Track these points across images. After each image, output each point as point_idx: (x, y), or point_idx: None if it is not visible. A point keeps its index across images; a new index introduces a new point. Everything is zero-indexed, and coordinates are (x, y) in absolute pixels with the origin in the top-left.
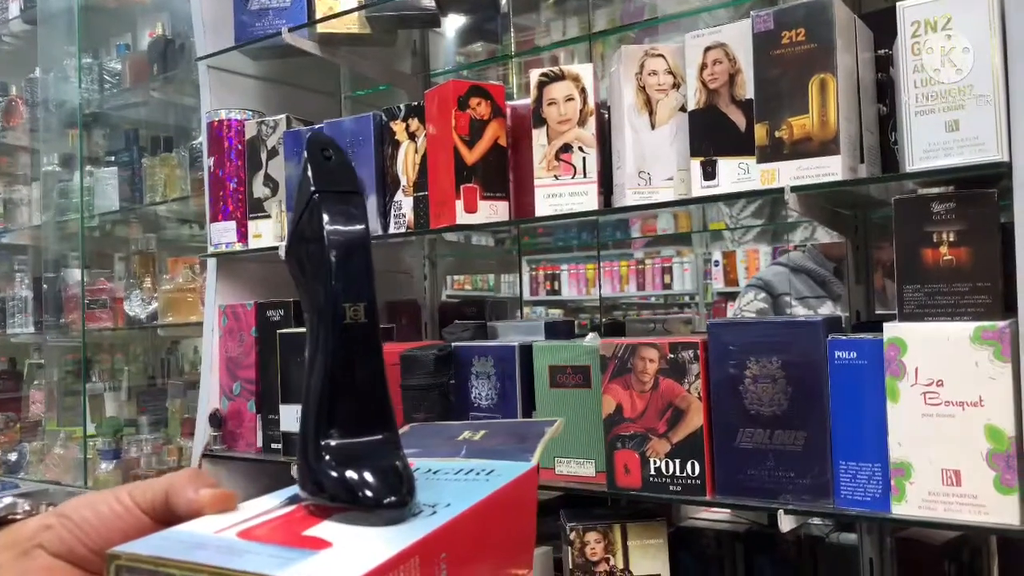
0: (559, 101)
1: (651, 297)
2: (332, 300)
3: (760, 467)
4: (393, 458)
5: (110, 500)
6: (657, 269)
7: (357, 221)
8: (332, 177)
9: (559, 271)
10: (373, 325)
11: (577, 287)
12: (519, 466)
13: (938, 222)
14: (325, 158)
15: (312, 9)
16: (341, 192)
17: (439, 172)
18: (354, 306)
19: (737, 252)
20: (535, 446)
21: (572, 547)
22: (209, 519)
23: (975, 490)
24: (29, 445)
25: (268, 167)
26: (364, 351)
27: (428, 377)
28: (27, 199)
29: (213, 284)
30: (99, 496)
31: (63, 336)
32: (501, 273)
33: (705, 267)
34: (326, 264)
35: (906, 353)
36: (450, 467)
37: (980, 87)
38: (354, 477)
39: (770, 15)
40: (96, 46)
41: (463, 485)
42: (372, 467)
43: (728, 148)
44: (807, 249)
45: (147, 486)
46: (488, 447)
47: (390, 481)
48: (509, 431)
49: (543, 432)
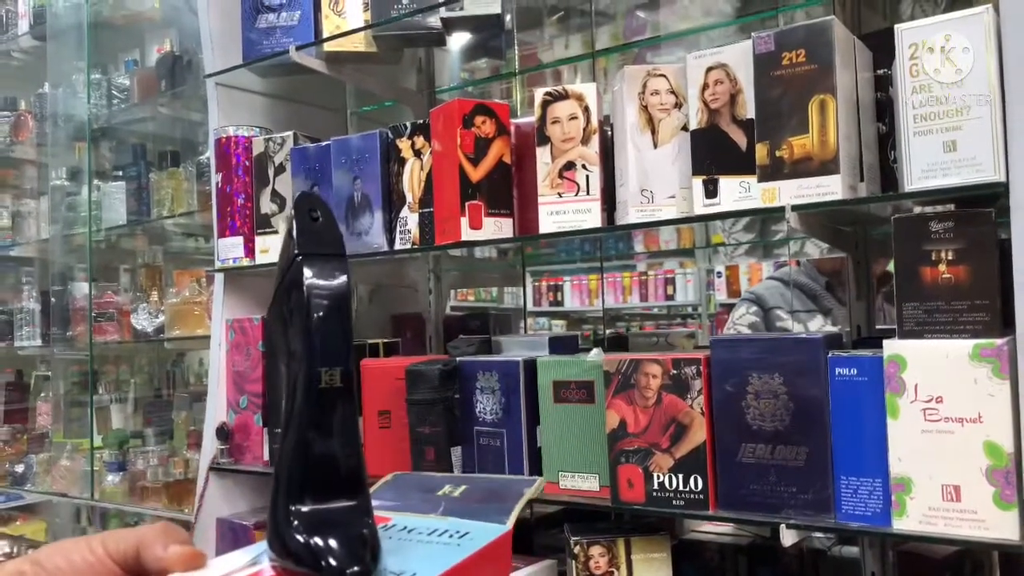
0: (563, 120)
1: (654, 308)
2: (308, 364)
3: (762, 482)
4: (361, 526)
5: (83, 550)
6: (660, 281)
7: (337, 286)
8: (317, 238)
9: (562, 282)
10: (348, 390)
11: (580, 298)
12: (493, 529)
13: (937, 240)
14: (312, 219)
15: (319, 28)
16: (324, 255)
17: (445, 189)
18: (330, 371)
19: (739, 264)
20: (512, 507)
21: (576, 561)
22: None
23: (975, 505)
24: (36, 457)
25: (275, 183)
26: (338, 416)
27: (433, 392)
28: (35, 212)
29: (220, 299)
30: (73, 544)
31: (70, 349)
32: (504, 285)
33: (708, 278)
34: (304, 328)
35: (906, 370)
36: (425, 525)
37: (977, 108)
38: (319, 544)
39: (771, 36)
40: (105, 62)
41: (434, 549)
42: (339, 535)
43: (729, 167)
44: (801, 264)
45: (120, 537)
46: (466, 506)
47: (355, 550)
48: (488, 489)
49: (522, 492)
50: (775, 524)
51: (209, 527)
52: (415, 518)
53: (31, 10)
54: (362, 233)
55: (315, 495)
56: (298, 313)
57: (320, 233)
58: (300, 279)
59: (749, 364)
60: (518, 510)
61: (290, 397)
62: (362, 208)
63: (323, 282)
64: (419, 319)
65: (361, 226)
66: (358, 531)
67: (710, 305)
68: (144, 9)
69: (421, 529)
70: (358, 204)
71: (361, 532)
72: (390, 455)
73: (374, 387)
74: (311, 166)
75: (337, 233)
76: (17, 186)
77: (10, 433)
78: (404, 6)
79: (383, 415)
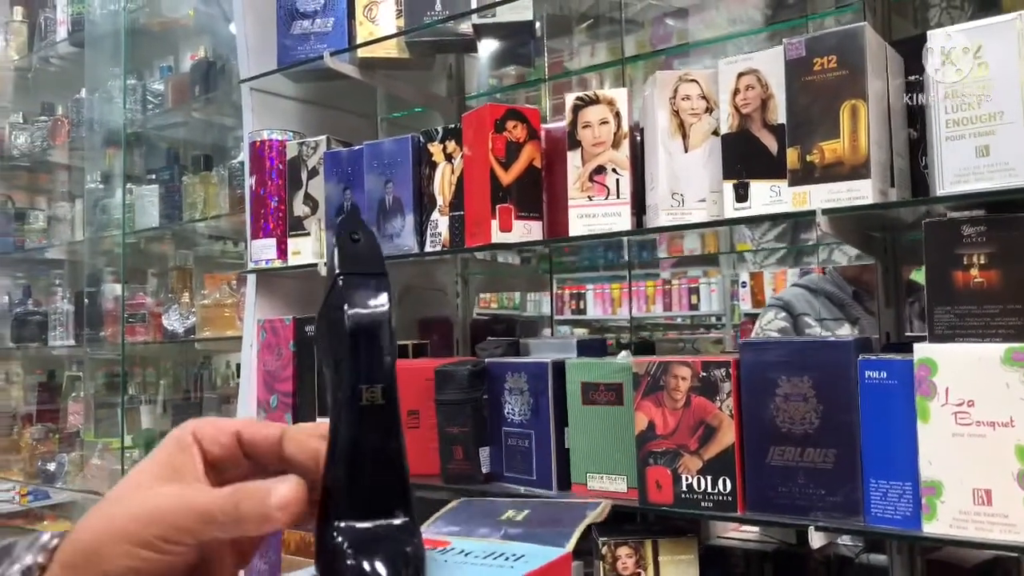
0: (594, 124)
1: (678, 318)
2: (350, 381)
3: (791, 484)
4: (404, 544)
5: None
6: (684, 290)
7: (379, 304)
8: (358, 260)
9: (584, 291)
10: (391, 407)
11: (602, 307)
12: (551, 551)
13: (968, 245)
14: (353, 240)
15: (353, 34)
16: (365, 275)
17: (475, 192)
18: (371, 388)
19: (764, 273)
20: (572, 532)
21: (604, 561)
22: None
23: (1006, 509)
24: (68, 456)
25: (308, 186)
26: (381, 433)
27: (462, 392)
28: (69, 216)
29: (252, 299)
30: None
31: (102, 349)
32: (528, 292)
33: (732, 288)
34: (345, 345)
35: (937, 373)
36: (483, 549)
37: (1010, 114)
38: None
39: (802, 42)
40: (140, 68)
41: (486, 571)
42: (382, 552)
43: (760, 171)
44: (828, 272)
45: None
46: (527, 530)
47: (397, 568)
48: (551, 513)
49: (584, 516)
50: (804, 526)
51: None
52: (474, 542)
53: (69, 17)
54: (393, 235)
55: (359, 512)
56: (339, 332)
57: (360, 253)
58: (340, 298)
59: (778, 367)
60: (578, 533)
61: (334, 415)
62: (393, 211)
63: (363, 301)
64: (447, 322)
65: (392, 228)
66: (401, 549)
67: (734, 315)
68: (179, 16)
69: (478, 553)
70: (389, 207)
71: (404, 550)
72: (419, 455)
73: (403, 387)
74: (344, 170)
75: (378, 252)
76: (51, 190)
77: (42, 432)
78: (437, 13)
79: (412, 415)
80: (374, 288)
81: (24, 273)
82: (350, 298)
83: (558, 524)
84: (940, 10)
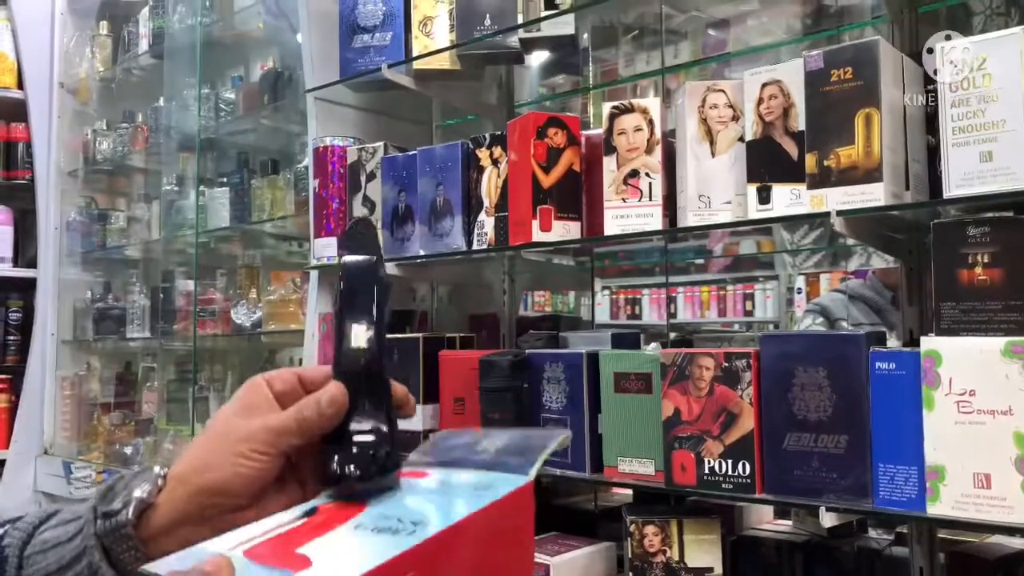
0: (628, 131)
1: (734, 324)
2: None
3: (806, 468)
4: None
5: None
6: (739, 296)
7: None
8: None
9: (640, 296)
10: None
11: (658, 312)
12: (514, 480)
13: (973, 245)
14: (360, 233)
15: (409, 47)
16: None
17: (518, 194)
18: (358, 328)
19: (820, 280)
20: (535, 459)
21: (632, 539)
22: (237, 532)
23: (1004, 492)
24: (143, 440)
25: (367, 189)
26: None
27: (504, 380)
28: (146, 216)
29: (315, 293)
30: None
31: (175, 340)
32: (581, 295)
33: (787, 295)
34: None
35: (941, 365)
36: (454, 478)
37: (1012, 122)
38: (338, 459)
39: (820, 55)
40: (214, 78)
41: (455, 500)
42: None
43: (781, 175)
44: (868, 278)
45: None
46: (497, 459)
47: (365, 464)
48: (519, 441)
49: (546, 445)
50: (816, 507)
51: None
52: (449, 472)
53: (151, 31)
54: (443, 235)
55: (349, 431)
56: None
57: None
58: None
59: (796, 358)
60: (539, 463)
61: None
62: (444, 212)
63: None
64: (494, 318)
65: (442, 228)
66: (372, 447)
67: (790, 322)
68: (250, 29)
69: (451, 482)
70: (440, 208)
71: (375, 447)
72: None
73: (450, 376)
74: (399, 173)
75: (376, 243)
76: (130, 193)
77: (120, 418)
78: (486, 27)
79: (458, 402)
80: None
81: (104, 271)
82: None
83: (523, 453)
84: (984, 18)
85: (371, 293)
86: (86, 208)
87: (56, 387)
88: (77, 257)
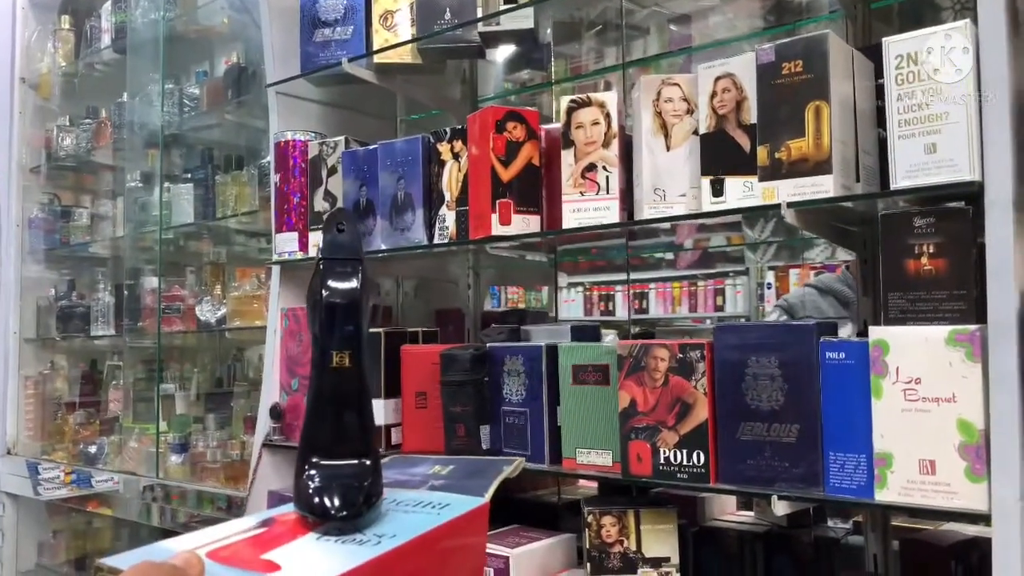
0: (586, 125)
1: (705, 320)
2: (322, 347)
3: (758, 457)
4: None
5: None
6: (710, 291)
7: (351, 284)
8: (339, 247)
9: (613, 292)
10: (358, 370)
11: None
12: (471, 501)
13: (919, 235)
14: (338, 231)
15: (370, 41)
16: (343, 260)
17: (478, 188)
18: (340, 353)
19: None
20: (491, 483)
21: (589, 529)
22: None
23: (948, 478)
24: (107, 439)
25: (328, 183)
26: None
27: (464, 374)
28: (111, 213)
29: (276, 289)
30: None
31: (140, 337)
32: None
33: (758, 291)
34: (320, 319)
35: (889, 353)
36: (412, 498)
37: (955, 114)
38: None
39: (772, 48)
40: (178, 73)
41: (415, 517)
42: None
43: (734, 168)
44: (841, 271)
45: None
46: (451, 482)
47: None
48: (472, 468)
49: (501, 470)
50: (768, 495)
51: (261, 499)
52: (405, 492)
53: (113, 26)
54: (404, 229)
55: (328, 455)
56: (318, 305)
57: (343, 242)
58: (321, 279)
59: (748, 349)
60: (495, 485)
61: (313, 375)
62: (405, 206)
63: (338, 281)
64: (459, 313)
65: (404, 223)
66: (359, 484)
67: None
68: (214, 24)
69: (408, 501)
70: (401, 203)
71: (362, 484)
72: (425, 432)
73: (412, 370)
74: (360, 168)
75: (357, 244)
76: (94, 189)
77: (85, 417)
78: (446, 21)
79: (420, 396)
80: (349, 272)
81: (69, 268)
82: (326, 280)
83: (478, 477)
84: (953, 12)
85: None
86: (49, 205)
87: (19, 386)
88: (40, 255)
